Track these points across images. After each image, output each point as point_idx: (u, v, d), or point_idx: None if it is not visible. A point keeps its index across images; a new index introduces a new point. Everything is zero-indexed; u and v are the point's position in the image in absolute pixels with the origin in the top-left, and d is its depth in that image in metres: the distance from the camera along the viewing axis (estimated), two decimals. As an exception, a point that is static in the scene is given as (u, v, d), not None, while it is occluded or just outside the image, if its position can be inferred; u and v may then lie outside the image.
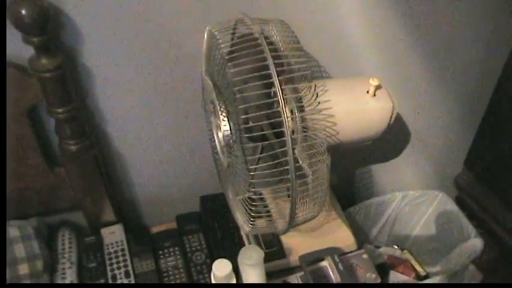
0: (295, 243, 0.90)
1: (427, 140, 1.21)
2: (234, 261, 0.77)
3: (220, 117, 0.72)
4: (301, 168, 0.71)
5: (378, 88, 0.79)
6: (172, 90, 0.92)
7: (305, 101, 0.72)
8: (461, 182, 1.33)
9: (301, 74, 0.71)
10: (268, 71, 0.66)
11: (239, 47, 0.69)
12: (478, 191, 1.29)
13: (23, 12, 0.70)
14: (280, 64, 0.67)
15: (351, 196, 1.25)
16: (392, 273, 1.11)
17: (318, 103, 0.71)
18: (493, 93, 1.18)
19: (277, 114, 0.67)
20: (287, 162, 0.68)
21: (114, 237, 0.96)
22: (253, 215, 0.76)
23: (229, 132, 0.72)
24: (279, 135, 0.69)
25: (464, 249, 1.09)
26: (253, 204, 0.75)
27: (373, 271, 0.88)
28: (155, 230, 0.99)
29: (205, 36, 0.77)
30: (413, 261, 1.17)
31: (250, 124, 0.70)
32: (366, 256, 0.90)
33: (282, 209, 0.81)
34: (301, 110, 0.71)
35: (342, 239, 0.92)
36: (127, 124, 0.94)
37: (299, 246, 0.89)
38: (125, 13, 0.81)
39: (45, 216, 0.95)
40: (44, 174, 0.89)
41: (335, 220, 0.94)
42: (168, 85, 0.91)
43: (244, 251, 0.76)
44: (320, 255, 0.85)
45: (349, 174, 1.22)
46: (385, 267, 1.11)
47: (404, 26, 0.99)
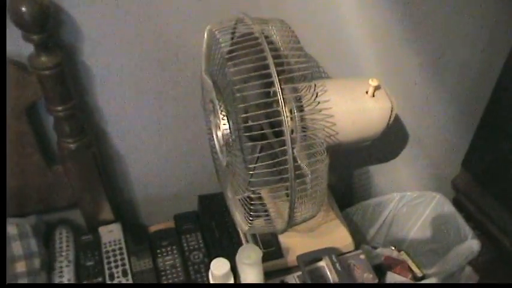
0: (293, 243, 0.90)
1: (425, 142, 1.21)
2: (232, 260, 0.77)
3: (220, 116, 0.72)
4: (300, 167, 0.71)
5: (377, 88, 0.80)
6: (171, 88, 0.92)
7: (304, 100, 0.72)
8: (458, 184, 1.34)
9: (301, 74, 0.71)
10: (268, 71, 0.66)
11: (239, 46, 0.69)
12: (475, 192, 1.29)
13: (23, 9, 0.70)
14: (280, 64, 0.67)
15: (349, 197, 1.25)
16: (389, 274, 1.11)
17: (317, 103, 0.72)
18: (491, 95, 1.19)
19: (277, 114, 0.67)
20: (286, 162, 0.68)
21: (111, 235, 0.96)
22: (252, 213, 0.76)
23: (228, 131, 0.72)
24: (278, 135, 0.69)
25: (461, 250, 1.09)
26: (252, 203, 0.75)
27: (371, 271, 0.88)
28: (153, 229, 0.99)
29: (205, 35, 0.77)
30: (410, 262, 1.17)
31: (250, 123, 0.70)
32: (363, 256, 0.90)
33: (280, 208, 0.81)
34: (300, 109, 0.71)
35: (340, 239, 0.92)
36: (126, 122, 0.94)
37: (297, 246, 0.89)
38: (124, 11, 0.81)
39: (43, 214, 0.95)
40: (42, 172, 0.89)
41: (333, 220, 0.94)
42: (167, 84, 0.91)
43: (242, 250, 0.76)
44: (318, 255, 0.85)
45: (347, 174, 1.22)
46: (383, 268, 1.11)
47: (403, 27, 1.00)
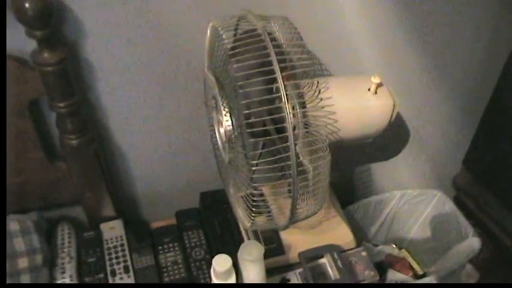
0: (295, 240, 0.90)
1: (426, 140, 1.21)
2: (234, 257, 0.78)
3: (223, 113, 0.72)
4: (302, 164, 0.71)
5: (379, 86, 0.80)
6: (173, 85, 0.92)
7: (307, 97, 0.72)
8: (459, 182, 1.34)
9: (303, 71, 0.71)
10: (271, 67, 0.66)
11: (242, 42, 0.69)
12: (476, 190, 1.29)
13: (27, 5, 0.70)
14: (282, 60, 0.67)
15: (350, 194, 1.25)
16: (390, 271, 1.12)
17: (319, 100, 0.72)
18: (492, 93, 1.19)
19: (279, 110, 0.67)
20: (288, 158, 0.68)
21: (113, 232, 0.96)
22: (254, 210, 0.76)
23: (231, 127, 0.72)
24: (280, 131, 0.70)
25: (461, 248, 1.10)
26: (254, 200, 0.76)
27: (372, 269, 0.88)
28: (155, 225, 0.99)
29: (208, 32, 0.77)
30: (411, 260, 1.18)
31: (252, 119, 0.70)
32: (364, 254, 0.91)
33: (282, 205, 0.81)
34: (302, 106, 0.71)
35: (341, 236, 0.92)
36: (128, 119, 0.94)
37: (298, 243, 0.89)
38: (127, 8, 0.81)
39: (44, 210, 0.95)
40: (45, 168, 0.89)
41: (334, 218, 0.95)
42: (169, 81, 0.91)
43: (244, 247, 0.76)
44: (319, 252, 0.85)
45: (348, 172, 1.22)
46: (384, 266, 1.11)
47: (404, 26, 1.00)
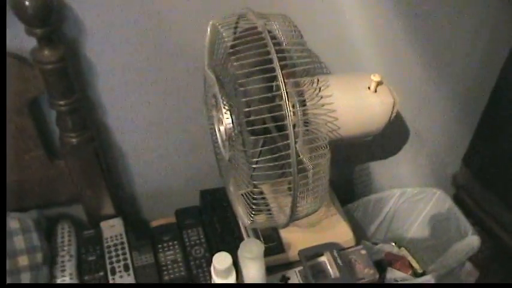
0: (294, 238, 0.90)
1: (426, 138, 1.22)
2: (233, 255, 0.77)
3: (223, 111, 0.72)
4: (302, 162, 0.71)
5: (379, 84, 0.80)
6: (173, 84, 0.92)
7: (307, 95, 0.72)
8: (459, 180, 1.34)
9: (304, 69, 0.71)
10: (271, 65, 0.66)
11: (242, 40, 0.69)
12: (475, 189, 1.29)
13: (27, 3, 0.70)
14: (282, 58, 0.67)
15: (350, 192, 1.25)
16: (389, 269, 1.12)
17: (320, 98, 0.72)
18: (492, 92, 1.19)
19: (279, 108, 0.68)
20: (289, 156, 0.68)
21: (113, 230, 0.96)
22: (254, 208, 0.76)
23: (231, 125, 0.72)
24: (280, 129, 0.70)
25: (461, 246, 1.10)
26: (254, 197, 0.76)
27: (371, 267, 0.88)
28: (155, 223, 0.99)
29: (209, 30, 0.77)
30: (411, 258, 1.18)
31: (252, 117, 0.70)
32: (364, 252, 0.91)
33: (282, 203, 0.81)
34: (302, 104, 0.71)
35: (341, 234, 0.92)
36: (128, 117, 0.94)
37: (298, 241, 0.89)
38: (127, 6, 0.81)
39: (44, 209, 0.95)
40: (44, 166, 0.89)
41: (334, 216, 0.95)
42: (169, 79, 0.92)
43: (244, 245, 0.76)
44: (319, 250, 0.85)
45: (348, 170, 1.23)
46: (383, 264, 1.11)
47: (404, 26, 1.00)
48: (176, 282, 0.89)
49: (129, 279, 0.88)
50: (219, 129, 0.79)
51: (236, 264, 0.78)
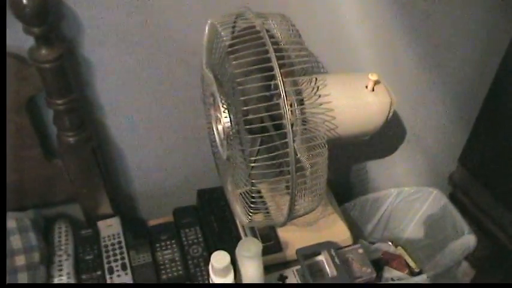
0: (292, 237, 0.90)
1: (423, 138, 1.22)
2: (231, 254, 0.78)
3: (221, 110, 0.73)
4: (300, 161, 0.71)
5: (376, 83, 0.80)
6: (171, 82, 0.92)
7: (305, 94, 0.72)
8: (455, 179, 1.34)
9: (302, 68, 0.71)
10: (269, 64, 0.67)
11: (241, 39, 0.69)
12: (472, 188, 1.30)
13: (24, 2, 0.70)
14: (280, 57, 0.68)
15: (347, 192, 1.25)
16: (386, 268, 1.12)
17: (318, 97, 0.72)
18: (488, 92, 1.20)
19: (277, 107, 0.68)
20: (287, 154, 0.68)
21: (110, 230, 0.96)
22: (252, 206, 0.76)
23: (229, 124, 0.73)
24: (278, 128, 0.70)
25: (457, 245, 1.10)
26: (252, 196, 0.76)
27: (369, 265, 0.89)
28: (152, 223, 0.99)
29: (207, 29, 0.77)
30: (407, 257, 1.18)
31: (250, 116, 0.70)
32: (361, 251, 0.91)
33: (280, 202, 0.81)
34: (300, 103, 0.72)
35: (338, 233, 0.92)
36: (125, 117, 0.94)
37: (295, 240, 0.89)
38: (125, 5, 0.81)
39: (42, 208, 0.95)
40: (42, 165, 0.89)
41: (331, 215, 0.95)
42: (167, 78, 0.91)
43: (242, 243, 0.76)
44: (317, 249, 0.85)
45: (345, 170, 1.23)
46: (380, 263, 1.12)
47: (402, 26, 1.00)
48: (174, 281, 0.89)
49: (127, 279, 0.88)
50: (217, 128, 0.79)
51: (234, 263, 0.78)
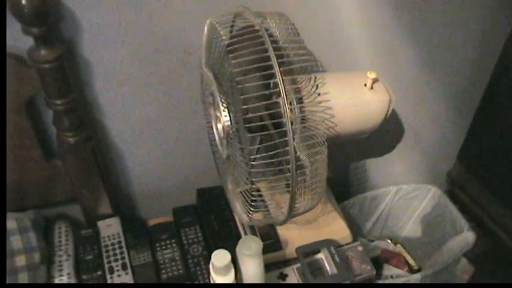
0: (292, 236, 0.90)
1: (421, 135, 1.22)
2: (231, 252, 0.78)
3: (221, 109, 0.73)
4: (300, 159, 0.72)
5: (375, 81, 0.80)
6: (170, 82, 0.93)
7: (304, 92, 0.72)
8: (453, 177, 1.35)
9: (300, 66, 0.71)
10: (268, 63, 0.67)
11: (240, 38, 0.69)
12: (470, 185, 1.30)
13: (23, 2, 0.70)
14: (279, 56, 0.68)
15: (346, 190, 1.26)
16: (386, 266, 1.12)
17: (317, 95, 0.72)
18: (485, 90, 1.20)
19: (276, 105, 0.68)
20: (287, 153, 0.68)
21: (110, 229, 0.96)
22: (253, 204, 0.76)
23: (229, 123, 0.73)
24: (277, 127, 0.70)
25: (456, 242, 1.10)
26: (253, 194, 0.76)
27: (368, 263, 0.89)
28: (152, 222, 0.99)
29: (206, 28, 0.77)
30: (406, 255, 1.18)
31: (250, 115, 0.71)
32: (361, 248, 0.91)
33: (280, 200, 0.81)
34: (300, 101, 0.72)
35: (338, 231, 0.93)
36: (125, 116, 0.94)
37: (295, 238, 0.89)
38: (124, 5, 0.81)
39: (41, 209, 0.95)
40: (42, 166, 0.89)
41: (330, 213, 0.95)
42: (166, 78, 0.92)
43: (243, 242, 0.76)
44: (316, 247, 0.85)
45: (344, 168, 1.23)
46: (379, 261, 1.12)
47: (400, 25, 1.01)
48: (174, 280, 0.90)
49: (127, 278, 0.88)
50: (217, 127, 0.79)
51: (234, 261, 0.78)
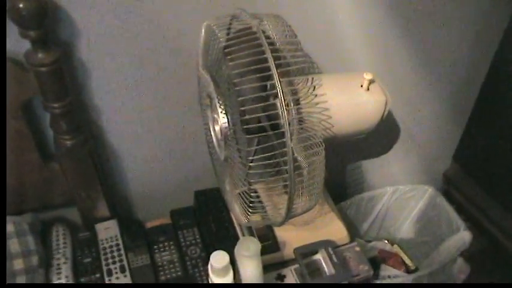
0: (289, 237, 0.90)
1: (417, 136, 1.23)
2: (229, 254, 0.78)
3: (218, 110, 0.73)
4: (297, 160, 0.72)
5: (371, 82, 0.81)
6: (167, 85, 0.93)
7: (301, 94, 0.73)
8: (450, 177, 1.36)
9: (297, 68, 0.72)
10: (265, 64, 0.67)
11: (237, 41, 0.70)
12: (466, 185, 1.31)
13: (21, 5, 0.70)
14: (276, 58, 0.68)
15: (342, 191, 1.26)
16: (383, 266, 1.13)
17: (314, 96, 0.73)
18: (481, 90, 1.21)
19: (273, 107, 0.68)
20: (284, 154, 0.69)
21: (108, 232, 0.96)
22: (251, 206, 0.77)
23: (227, 124, 0.73)
24: (274, 128, 0.70)
25: (453, 242, 1.11)
26: (251, 196, 0.76)
27: (366, 263, 0.89)
28: (150, 225, 0.99)
29: (203, 31, 0.78)
30: (403, 255, 1.19)
31: (247, 116, 0.71)
32: (358, 249, 0.91)
33: (278, 201, 0.82)
34: (297, 103, 0.72)
35: (335, 232, 0.93)
36: (122, 119, 0.94)
37: (293, 239, 0.89)
38: (122, 8, 0.81)
39: (39, 212, 0.95)
40: (39, 169, 0.89)
41: (328, 214, 0.96)
42: (163, 81, 0.92)
43: (241, 243, 0.76)
44: (314, 248, 0.86)
45: (341, 169, 1.23)
46: (377, 261, 1.13)
47: (396, 26, 1.01)
48: (173, 282, 0.90)
49: (126, 281, 0.88)
50: (214, 129, 0.79)
51: (233, 263, 0.78)
